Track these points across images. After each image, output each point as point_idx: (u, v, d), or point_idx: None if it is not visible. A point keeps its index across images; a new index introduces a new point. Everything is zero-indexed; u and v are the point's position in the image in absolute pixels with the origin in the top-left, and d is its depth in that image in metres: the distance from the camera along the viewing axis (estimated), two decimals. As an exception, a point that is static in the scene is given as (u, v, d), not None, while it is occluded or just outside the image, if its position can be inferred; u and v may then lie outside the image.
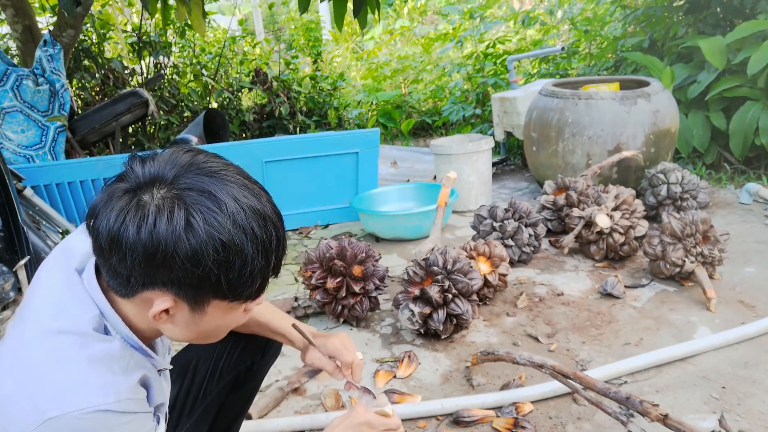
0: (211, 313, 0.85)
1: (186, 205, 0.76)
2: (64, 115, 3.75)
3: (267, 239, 0.81)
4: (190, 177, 0.79)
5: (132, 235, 0.75)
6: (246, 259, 0.79)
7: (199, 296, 0.81)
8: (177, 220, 0.75)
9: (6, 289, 2.29)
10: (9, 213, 2.34)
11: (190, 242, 0.75)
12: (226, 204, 0.77)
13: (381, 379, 1.99)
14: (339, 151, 3.61)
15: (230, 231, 0.77)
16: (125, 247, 0.75)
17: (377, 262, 2.40)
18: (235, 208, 0.78)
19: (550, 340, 2.16)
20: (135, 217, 0.75)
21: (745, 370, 1.89)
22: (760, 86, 3.68)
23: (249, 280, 0.81)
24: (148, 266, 0.76)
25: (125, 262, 0.77)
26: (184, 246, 0.75)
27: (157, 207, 0.75)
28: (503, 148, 4.92)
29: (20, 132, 3.65)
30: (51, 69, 3.70)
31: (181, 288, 0.79)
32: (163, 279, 0.78)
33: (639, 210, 2.83)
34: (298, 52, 6.94)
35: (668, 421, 1.39)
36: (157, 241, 0.74)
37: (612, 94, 3.43)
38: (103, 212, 0.77)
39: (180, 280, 0.78)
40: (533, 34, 6.54)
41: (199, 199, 0.77)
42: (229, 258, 0.78)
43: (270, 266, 0.84)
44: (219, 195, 0.77)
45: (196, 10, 3.50)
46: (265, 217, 0.81)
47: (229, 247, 0.77)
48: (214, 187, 0.78)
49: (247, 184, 0.82)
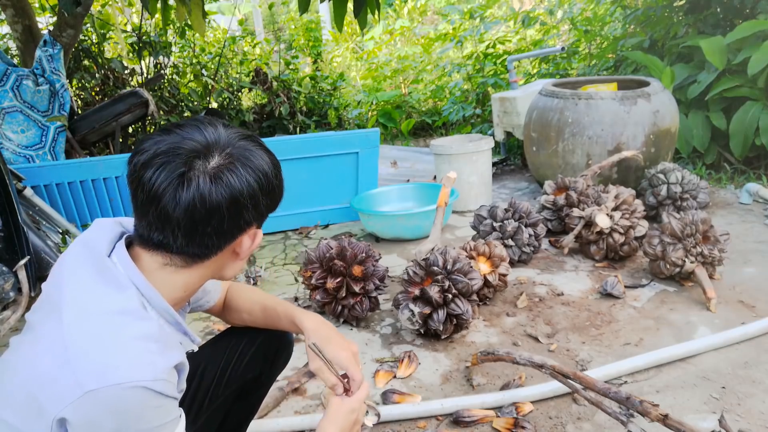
0: (245, 241, 0.97)
1: (239, 159, 0.92)
2: (64, 115, 3.75)
3: (278, 172, 1.01)
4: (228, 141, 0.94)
5: (219, 194, 0.87)
6: (277, 186, 0.99)
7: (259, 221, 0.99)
8: (240, 171, 0.90)
9: (6, 289, 2.29)
10: (9, 213, 2.34)
11: (258, 179, 0.93)
12: (258, 155, 0.97)
13: (381, 379, 1.99)
14: (339, 151, 3.61)
15: (268, 166, 0.97)
16: (212, 208, 0.87)
17: (377, 262, 2.39)
18: (263, 157, 0.98)
19: (550, 340, 2.16)
20: (210, 180, 0.87)
21: (745, 370, 1.89)
22: (760, 86, 3.68)
23: (276, 201, 1.01)
24: (236, 214, 0.90)
25: (210, 223, 0.88)
26: (255, 182, 0.92)
27: (219, 167, 0.88)
28: (503, 148, 4.92)
29: (20, 132, 3.65)
30: (51, 69, 3.70)
31: (260, 217, 0.97)
32: (248, 218, 0.93)
33: (639, 210, 2.83)
34: (298, 52, 6.94)
35: (668, 421, 1.39)
36: (240, 190, 0.89)
37: (612, 94, 3.43)
38: (170, 187, 0.85)
39: (260, 212, 0.96)
40: (533, 34, 6.55)
41: (243, 152, 0.94)
42: (271, 184, 0.96)
43: (279, 192, 1.02)
44: (253, 150, 0.97)
45: (196, 10, 3.50)
46: (274, 162, 1.02)
47: (270, 177, 0.96)
48: (247, 144, 0.97)
49: (261, 145, 1.01)
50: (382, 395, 1.88)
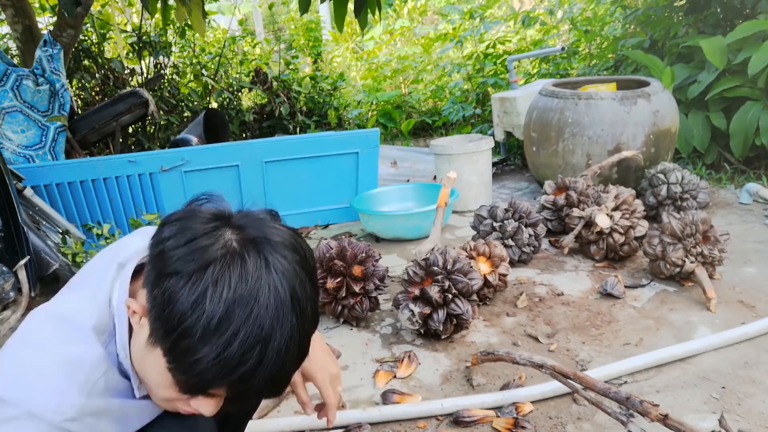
0: (151, 362, 0.77)
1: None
2: (64, 115, 3.75)
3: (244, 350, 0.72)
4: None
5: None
6: (198, 346, 0.72)
7: (158, 335, 0.75)
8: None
9: (6, 289, 2.29)
10: (9, 213, 2.34)
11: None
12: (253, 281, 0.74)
13: (381, 379, 1.99)
14: (339, 151, 3.61)
15: (227, 308, 0.72)
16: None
17: (377, 262, 2.39)
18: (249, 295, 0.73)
19: (550, 340, 2.16)
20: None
21: (745, 370, 1.88)
22: (761, 86, 3.68)
23: (194, 367, 0.73)
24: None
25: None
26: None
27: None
28: (503, 148, 4.92)
29: (20, 132, 3.65)
30: (51, 69, 3.70)
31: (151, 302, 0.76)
32: (151, 278, 0.77)
33: (639, 210, 2.83)
34: (298, 52, 6.94)
35: (668, 421, 1.39)
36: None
37: (612, 94, 3.43)
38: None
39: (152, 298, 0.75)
40: (533, 34, 6.54)
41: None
42: (189, 324, 0.72)
43: (236, 383, 0.74)
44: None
45: (196, 10, 3.50)
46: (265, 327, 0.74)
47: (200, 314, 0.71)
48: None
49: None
50: (382, 395, 1.88)
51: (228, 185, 3.48)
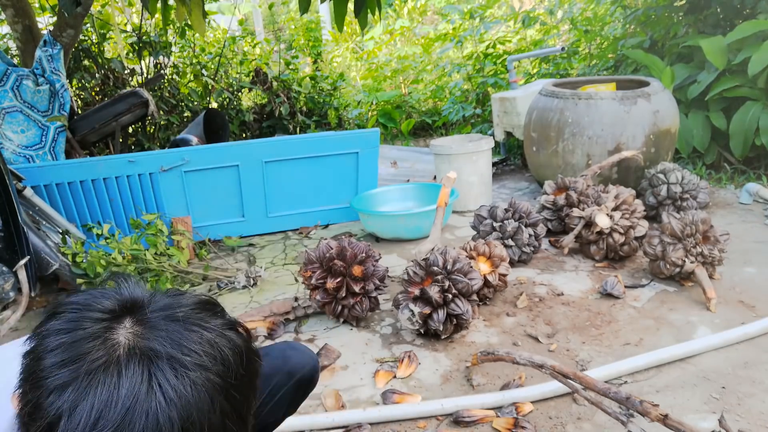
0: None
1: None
2: (64, 115, 3.75)
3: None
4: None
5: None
6: None
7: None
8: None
9: (6, 289, 2.29)
10: (9, 213, 2.34)
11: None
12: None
13: (381, 379, 1.99)
14: (339, 151, 3.61)
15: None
16: None
17: (377, 262, 2.39)
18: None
19: (550, 340, 2.16)
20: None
21: (745, 370, 1.89)
22: (761, 86, 3.68)
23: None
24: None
25: None
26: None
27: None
28: (503, 148, 4.92)
29: (20, 132, 3.65)
30: (51, 69, 3.70)
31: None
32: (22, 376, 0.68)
33: (639, 210, 2.83)
34: (298, 52, 6.94)
35: (668, 421, 1.39)
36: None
37: (612, 94, 3.43)
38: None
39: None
40: (533, 34, 6.54)
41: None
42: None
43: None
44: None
45: (196, 10, 3.50)
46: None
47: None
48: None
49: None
50: (382, 395, 1.88)
51: (228, 185, 3.48)
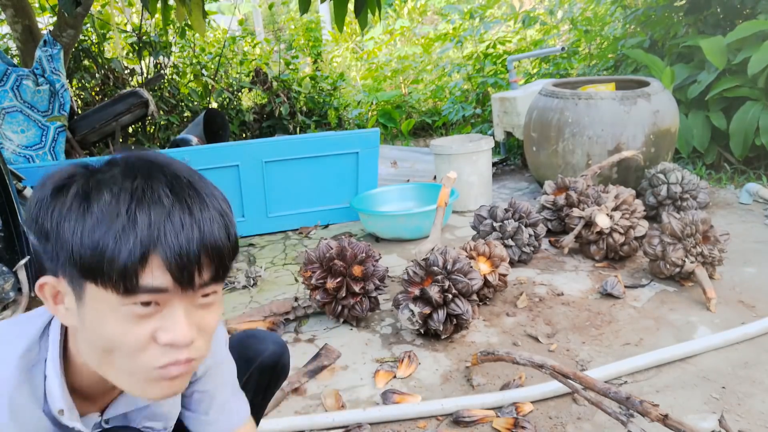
0: (93, 307, 0.71)
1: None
2: (64, 115, 3.75)
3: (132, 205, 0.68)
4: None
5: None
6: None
7: (74, 275, 0.71)
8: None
9: (6, 289, 2.29)
10: (9, 213, 2.34)
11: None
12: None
13: (381, 379, 1.99)
14: (339, 151, 3.61)
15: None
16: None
17: (377, 262, 2.39)
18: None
19: (550, 340, 2.16)
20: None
21: (745, 370, 1.89)
22: (760, 86, 3.68)
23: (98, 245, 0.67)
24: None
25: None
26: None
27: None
28: (503, 148, 4.92)
29: (20, 132, 3.65)
30: (51, 69, 3.70)
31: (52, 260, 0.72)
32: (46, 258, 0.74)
33: (639, 210, 2.83)
34: (298, 52, 6.94)
35: (668, 421, 1.39)
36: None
37: (612, 94, 3.43)
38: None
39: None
40: (533, 34, 6.55)
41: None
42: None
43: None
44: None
45: (196, 10, 3.50)
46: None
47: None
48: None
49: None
50: (382, 395, 1.88)
51: (228, 185, 3.48)
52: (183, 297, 0.72)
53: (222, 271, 0.75)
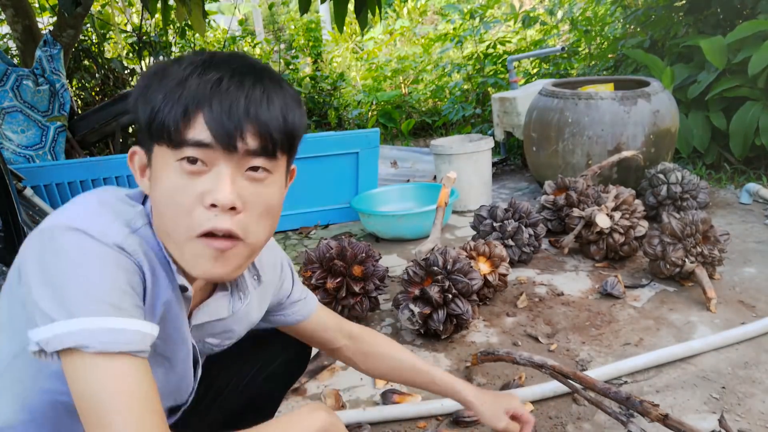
0: (157, 166, 0.78)
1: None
2: (64, 115, 3.75)
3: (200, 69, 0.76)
4: None
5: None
6: (164, 74, 0.77)
7: (144, 136, 0.79)
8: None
9: (6, 289, 2.28)
10: (9, 213, 2.34)
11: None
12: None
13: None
14: (339, 151, 3.61)
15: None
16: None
17: (377, 262, 2.39)
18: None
19: (550, 340, 2.16)
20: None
21: (745, 370, 1.89)
22: (760, 86, 3.68)
23: (162, 105, 0.75)
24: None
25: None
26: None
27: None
28: (503, 148, 4.92)
29: (20, 132, 3.65)
30: (51, 69, 3.70)
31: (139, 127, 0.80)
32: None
33: (639, 210, 2.83)
34: (298, 52, 6.94)
35: (668, 421, 1.39)
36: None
37: (612, 94, 3.43)
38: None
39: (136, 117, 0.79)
40: (533, 34, 6.54)
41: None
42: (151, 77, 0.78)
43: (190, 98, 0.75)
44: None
45: (196, 10, 3.50)
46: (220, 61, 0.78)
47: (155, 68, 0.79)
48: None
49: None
50: (382, 395, 1.88)
51: (228, 185, 3.47)
52: (228, 160, 0.75)
53: (272, 147, 0.77)
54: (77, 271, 0.72)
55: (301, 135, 0.84)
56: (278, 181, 0.83)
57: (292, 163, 0.89)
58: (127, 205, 0.83)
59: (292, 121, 0.80)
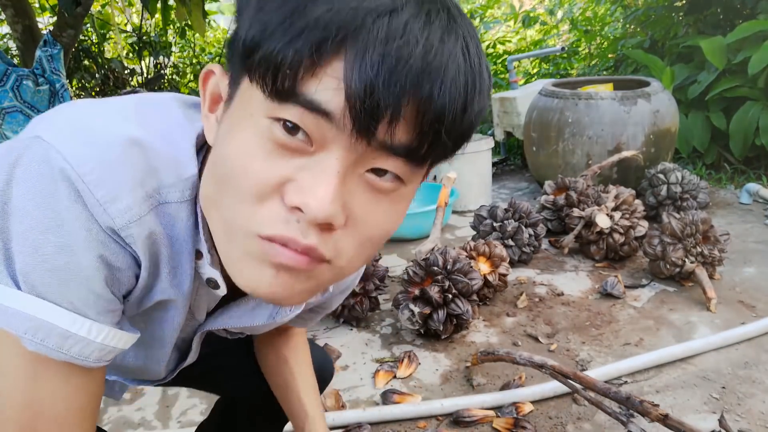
0: (236, 112, 0.51)
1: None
2: (64, 115, 3.75)
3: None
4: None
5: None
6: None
7: (235, 64, 0.51)
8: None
9: (6, 289, 2.28)
10: (9, 213, 2.34)
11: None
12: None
13: (381, 379, 1.99)
14: (339, 151, 3.60)
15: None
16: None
17: (377, 262, 2.39)
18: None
19: (550, 340, 2.16)
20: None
21: (745, 370, 1.89)
22: (760, 86, 3.68)
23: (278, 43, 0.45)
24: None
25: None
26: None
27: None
28: (503, 148, 4.92)
29: (20, 132, 3.65)
30: (51, 69, 3.71)
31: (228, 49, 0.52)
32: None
33: (639, 210, 2.83)
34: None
35: (668, 421, 1.39)
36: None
37: (612, 94, 3.43)
38: None
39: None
40: (533, 34, 6.55)
41: None
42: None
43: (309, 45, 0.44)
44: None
45: (196, 11, 3.50)
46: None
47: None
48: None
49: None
50: (382, 395, 1.88)
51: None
52: (349, 148, 0.48)
53: (428, 147, 0.49)
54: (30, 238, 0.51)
55: (471, 135, 0.53)
56: (408, 197, 0.56)
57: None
58: (182, 156, 0.57)
59: (476, 108, 0.50)
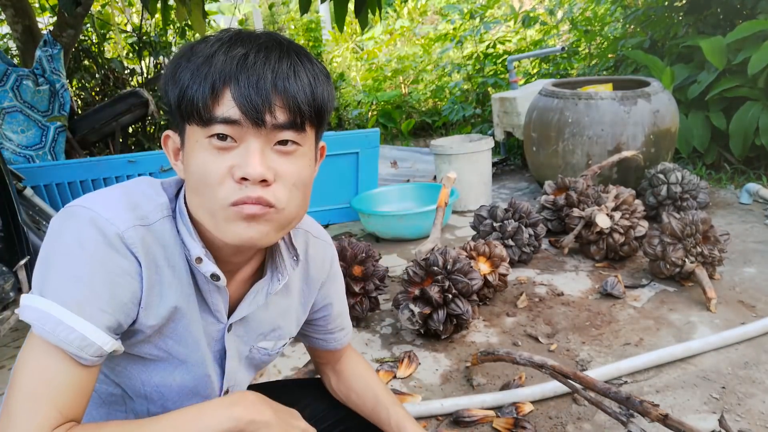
0: (188, 146, 0.79)
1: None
2: (64, 115, 3.75)
3: (226, 47, 0.76)
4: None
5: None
6: (193, 52, 0.77)
7: (175, 117, 0.81)
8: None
9: (6, 290, 2.29)
10: (9, 213, 2.34)
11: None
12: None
13: (381, 379, 1.98)
14: (339, 151, 3.61)
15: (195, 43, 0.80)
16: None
17: (377, 262, 2.39)
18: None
19: (550, 340, 2.16)
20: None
21: (745, 370, 1.89)
22: (760, 86, 3.68)
23: (191, 83, 0.75)
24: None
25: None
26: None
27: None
28: (503, 148, 4.92)
29: (20, 132, 3.65)
30: (51, 69, 3.70)
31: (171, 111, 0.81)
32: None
33: (639, 210, 2.83)
34: (298, 52, 6.93)
35: (668, 421, 1.39)
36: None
37: (612, 94, 3.43)
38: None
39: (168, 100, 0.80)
40: (533, 34, 6.55)
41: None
42: (180, 58, 0.78)
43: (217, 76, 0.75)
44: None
45: (196, 10, 3.50)
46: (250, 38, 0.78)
47: (186, 48, 0.79)
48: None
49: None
50: (382, 395, 1.87)
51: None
52: (257, 135, 0.75)
53: (300, 120, 0.77)
54: (65, 259, 0.75)
55: (330, 109, 0.83)
56: (308, 154, 0.83)
57: (320, 139, 0.88)
58: (152, 196, 0.84)
59: (321, 94, 0.80)
